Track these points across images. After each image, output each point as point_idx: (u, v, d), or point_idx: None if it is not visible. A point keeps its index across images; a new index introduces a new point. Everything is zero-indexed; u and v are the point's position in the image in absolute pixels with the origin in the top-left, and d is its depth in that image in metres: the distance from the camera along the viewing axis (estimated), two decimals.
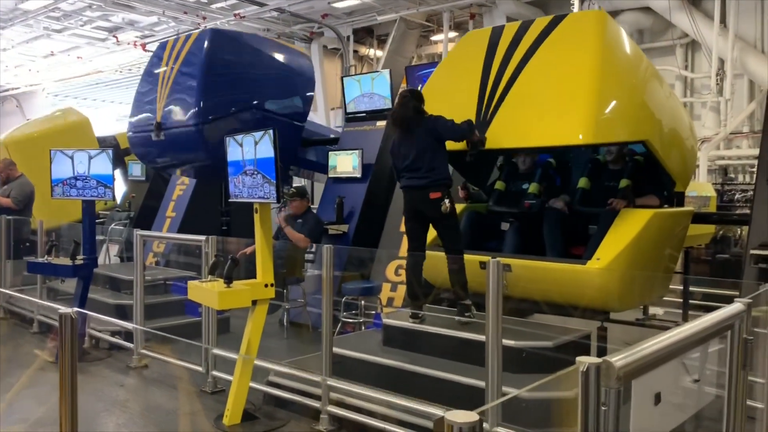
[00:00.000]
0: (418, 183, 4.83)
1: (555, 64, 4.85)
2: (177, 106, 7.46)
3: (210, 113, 7.34)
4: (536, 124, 4.80)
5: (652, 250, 4.96)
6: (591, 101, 4.57)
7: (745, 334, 2.23)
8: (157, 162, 8.27)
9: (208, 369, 5.21)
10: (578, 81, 4.67)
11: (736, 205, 11.51)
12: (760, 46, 12.94)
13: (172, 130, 7.47)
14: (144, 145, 7.93)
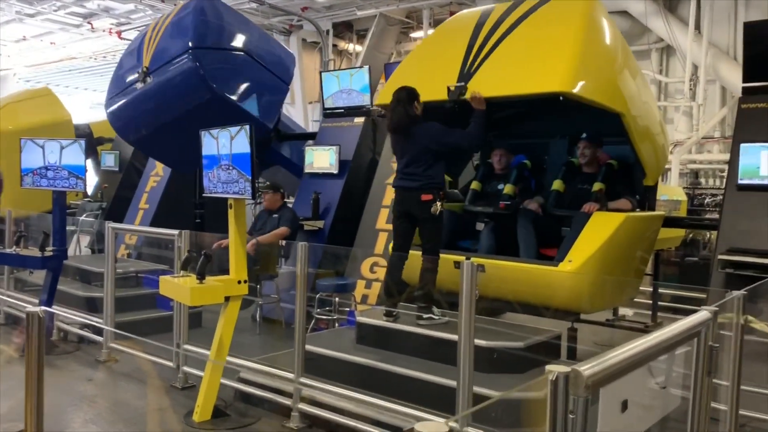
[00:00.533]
0: (411, 185, 4.84)
1: (541, 29, 4.93)
2: (169, 43, 7.26)
3: (203, 39, 7.17)
4: (516, 73, 4.82)
5: (623, 253, 5.04)
6: (573, 55, 4.63)
7: (711, 342, 2.27)
8: (140, 128, 7.68)
9: (179, 364, 5.17)
10: (561, 42, 4.75)
11: (706, 209, 11.72)
12: (732, 53, 13.16)
13: (163, 68, 7.15)
14: (125, 109, 7.53)
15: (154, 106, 7.36)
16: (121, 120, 7.80)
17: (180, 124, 7.09)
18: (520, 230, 5.28)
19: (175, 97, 7.22)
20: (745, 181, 5.26)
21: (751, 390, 3.73)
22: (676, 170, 13.13)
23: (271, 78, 7.91)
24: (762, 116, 5.39)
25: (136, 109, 7.51)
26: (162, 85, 7.16)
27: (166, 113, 7.34)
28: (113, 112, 7.75)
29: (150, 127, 7.57)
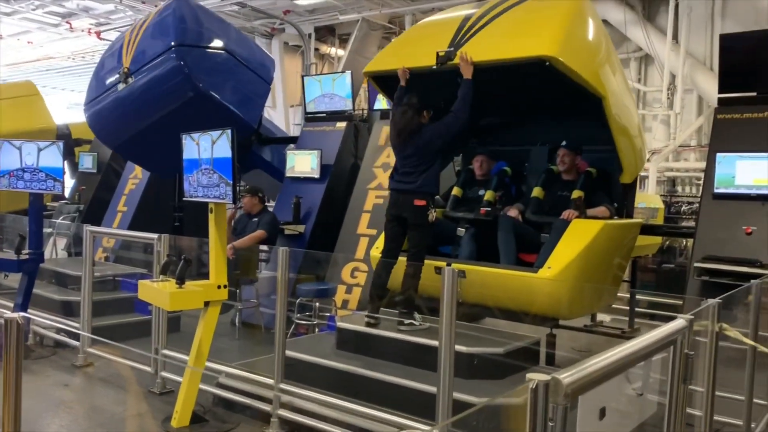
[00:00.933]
0: (406, 187, 4.88)
1: (532, 12, 5.04)
2: (150, 43, 7.17)
3: (186, 38, 7.09)
4: (506, 41, 4.87)
5: (601, 259, 5.09)
6: (561, 28, 4.70)
7: (687, 349, 2.31)
8: (122, 132, 7.52)
9: (157, 370, 5.12)
10: (551, 18, 4.86)
11: (682, 217, 11.90)
12: (709, 63, 13.39)
13: (145, 69, 7.03)
14: (107, 112, 7.38)
15: (137, 107, 7.23)
16: (102, 124, 7.66)
17: (163, 125, 7.00)
18: (500, 236, 5.32)
19: (159, 96, 7.10)
20: (721, 190, 5.35)
21: (726, 396, 3.79)
22: (654, 178, 13.31)
23: (253, 77, 7.89)
24: (737, 127, 5.49)
25: (117, 111, 7.38)
26: (145, 85, 7.05)
27: (149, 114, 7.22)
28: (94, 116, 7.62)
29: (132, 129, 7.43)
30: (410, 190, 4.85)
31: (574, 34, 4.78)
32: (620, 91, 5.22)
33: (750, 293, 3.92)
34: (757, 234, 5.12)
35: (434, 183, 4.97)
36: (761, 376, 4.25)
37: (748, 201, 5.23)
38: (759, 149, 5.21)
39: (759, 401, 4.22)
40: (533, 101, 5.77)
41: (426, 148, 4.88)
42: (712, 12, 13.41)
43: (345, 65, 17.01)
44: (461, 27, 5.01)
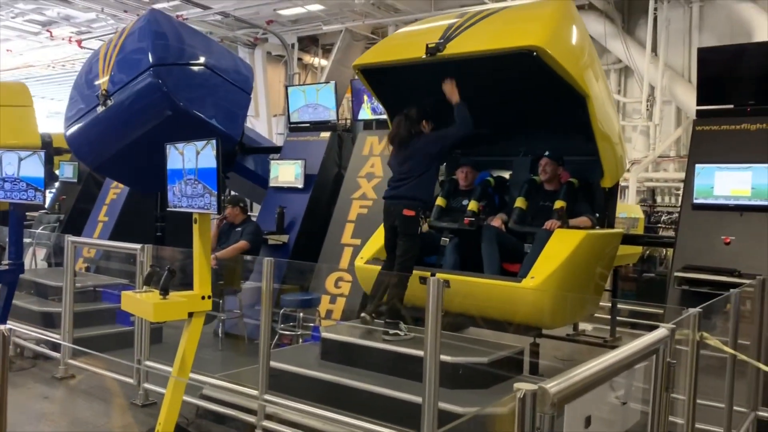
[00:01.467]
0: (396, 193, 4.94)
1: (521, 11, 5.28)
2: (126, 65, 7.12)
3: (163, 56, 7.07)
4: (495, 33, 4.91)
5: (584, 269, 5.15)
6: (549, 22, 4.76)
7: (669, 358, 2.35)
8: (102, 152, 7.46)
9: (140, 381, 5.07)
10: (538, 15, 4.97)
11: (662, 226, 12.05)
12: (687, 75, 13.64)
13: (123, 90, 6.99)
14: (86, 134, 7.31)
15: (116, 128, 7.21)
16: (82, 145, 7.63)
17: (143, 144, 6.97)
18: (483, 246, 5.36)
19: (138, 116, 7.08)
20: (700, 200, 5.44)
21: (707, 404, 3.84)
22: (634, 188, 13.49)
23: (232, 89, 7.88)
24: (715, 138, 5.59)
25: (97, 132, 7.33)
26: (124, 106, 7.01)
27: (129, 133, 7.19)
28: (73, 138, 7.57)
29: (112, 149, 7.39)
30: (400, 195, 4.91)
31: (561, 32, 4.85)
32: (603, 97, 5.29)
33: (729, 302, 3.99)
34: (735, 244, 5.21)
35: (427, 190, 5.01)
36: (741, 384, 4.32)
37: (726, 211, 5.33)
38: (737, 160, 5.31)
39: (739, 408, 4.28)
40: (517, 112, 5.83)
41: (420, 153, 4.92)
42: (689, 25, 13.67)
43: (328, 75, 17.07)
44: (452, 25, 5.07)
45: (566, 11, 4.99)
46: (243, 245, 6.93)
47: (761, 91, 5.54)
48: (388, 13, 15.98)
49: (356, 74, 5.56)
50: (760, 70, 5.60)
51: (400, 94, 5.77)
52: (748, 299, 4.60)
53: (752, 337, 4.57)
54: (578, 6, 12.37)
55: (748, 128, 5.49)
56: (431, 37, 4.96)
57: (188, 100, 7.15)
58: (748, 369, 4.42)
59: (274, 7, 16.00)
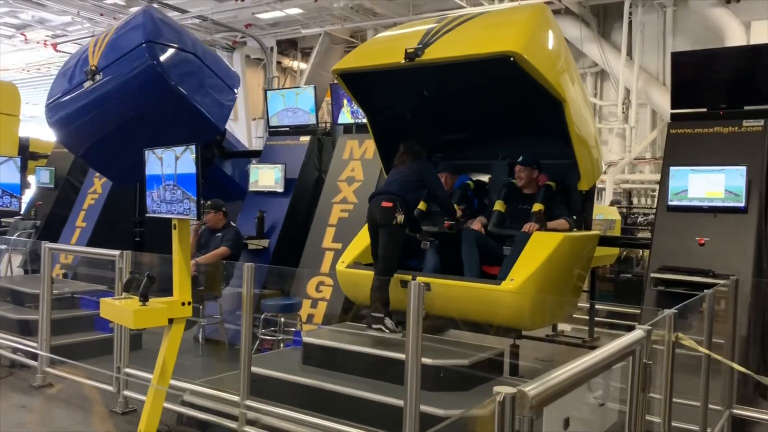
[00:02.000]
0: (379, 191, 5.21)
1: (499, 17, 5.39)
2: (121, 41, 7.01)
3: (157, 35, 7.01)
4: (473, 39, 4.96)
5: (562, 271, 5.21)
6: (525, 28, 4.82)
7: (645, 359, 2.40)
8: (88, 135, 7.22)
9: (120, 389, 5.03)
10: (515, 21, 5.08)
11: (639, 228, 12.21)
12: (661, 78, 13.85)
13: (113, 65, 6.83)
14: (72, 113, 7.06)
15: (104, 106, 7.00)
16: (67, 126, 7.34)
17: (131, 127, 6.86)
18: (463, 249, 5.40)
19: (128, 94, 6.92)
20: (675, 202, 5.54)
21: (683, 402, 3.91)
22: (611, 190, 13.65)
23: (219, 83, 7.86)
24: (689, 141, 5.70)
25: (83, 111, 7.08)
26: (113, 81, 6.86)
27: (117, 113, 7.01)
28: (58, 119, 7.30)
29: (98, 132, 7.16)
30: (381, 192, 5.12)
31: (537, 37, 4.91)
32: (579, 101, 5.37)
33: (704, 302, 4.07)
34: (710, 245, 5.31)
35: (411, 194, 5.21)
36: (716, 383, 4.41)
37: (700, 213, 5.43)
38: (710, 163, 5.42)
39: (714, 407, 4.36)
40: (495, 117, 5.90)
41: (415, 172, 5.23)
42: (663, 29, 13.89)
43: (307, 79, 17.06)
44: (430, 30, 5.10)
45: (542, 17, 5.06)
46: (224, 251, 6.90)
47: (733, 94, 5.66)
48: (367, 17, 16.02)
49: (336, 79, 5.58)
50: (732, 74, 5.72)
51: (380, 98, 5.80)
52: (723, 299, 4.69)
53: (726, 336, 4.66)
54: (554, 11, 12.55)
55: (721, 131, 5.60)
56: (410, 42, 5.00)
57: (179, 80, 7.07)
58: (722, 368, 4.51)
59: (252, 10, 15.96)
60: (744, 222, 5.27)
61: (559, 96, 4.85)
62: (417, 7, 15.15)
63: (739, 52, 6.70)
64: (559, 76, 4.95)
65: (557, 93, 4.83)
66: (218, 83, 7.81)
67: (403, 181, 5.19)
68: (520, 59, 4.54)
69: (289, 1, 14.75)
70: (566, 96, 4.90)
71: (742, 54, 6.24)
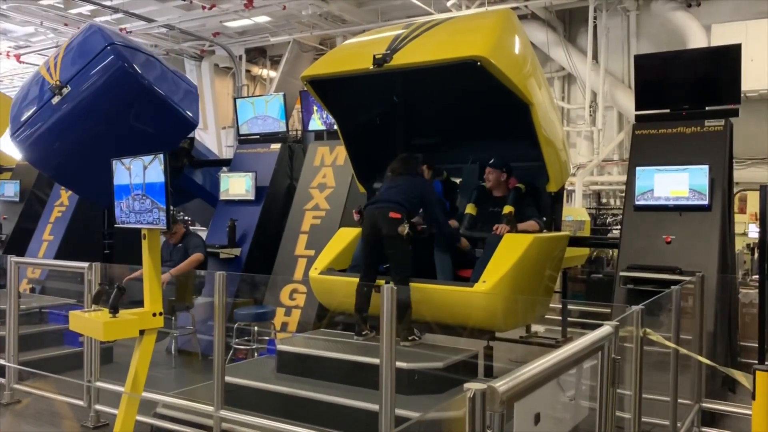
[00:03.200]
0: (383, 198, 5.11)
1: (466, 22, 5.51)
2: (78, 54, 6.95)
3: (116, 39, 6.99)
4: (440, 44, 4.99)
5: (533, 272, 5.27)
6: (491, 33, 4.88)
7: (614, 354, 2.44)
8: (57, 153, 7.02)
9: (91, 403, 4.95)
10: (482, 26, 5.15)
11: (608, 228, 12.40)
12: (627, 81, 14.09)
13: (79, 75, 6.74)
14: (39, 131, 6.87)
15: (77, 118, 6.85)
16: (38, 145, 7.09)
17: (105, 136, 6.76)
18: (436, 253, 5.43)
19: (101, 99, 6.80)
20: (641, 202, 5.65)
21: (653, 398, 3.98)
22: (580, 192, 13.84)
23: (180, 81, 7.83)
24: (654, 141, 5.82)
25: (54, 127, 6.90)
26: (82, 90, 6.74)
27: (91, 123, 6.88)
28: (26, 140, 7.08)
29: (71, 145, 6.99)
30: (387, 199, 5.05)
31: (503, 42, 4.98)
32: (546, 105, 5.45)
33: (671, 299, 4.15)
34: (676, 243, 5.42)
35: (412, 204, 5.11)
36: (685, 378, 4.49)
37: (666, 212, 5.54)
38: (674, 162, 5.54)
39: (684, 401, 4.44)
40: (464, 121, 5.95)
41: (417, 190, 5.15)
42: (627, 33, 14.15)
43: (277, 87, 17.00)
44: (398, 36, 5.14)
45: (508, 22, 5.13)
46: (198, 257, 6.81)
47: (695, 95, 5.80)
48: (336, 24, 16.05)
49: (305, 86, 5.59)
50: (693, 75, 5.86)
51: (350, 104, 5.82)
52: (690, 296, 4.79)
53: (694, 332, 4.76)
54: (520, 16, 12.72)
55: (684, 131, 5.73)
56: (378, 48, 5.03)
57: (150, 78, 7.03)
58: (691, 363, 4.60)
59: (220, 18, 15.87)
60: (708, 219, 5.40)
61: (526, 99, 4.92)
62: (385, 14, 15.23)
63: (700, 53, 6.85)
64: (526, 80, 5.03)
65: (524, 96, 4.90)
66: (179, 81, 7.79)
67: (404, 196, 5.08)
68: (487, 63, 4.59)
69: (257, 9, 14.70)
70: (533, 99, 4.97)
71: (704, 56, 6.40)
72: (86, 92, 6.77)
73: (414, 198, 5.10)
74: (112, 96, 6.82)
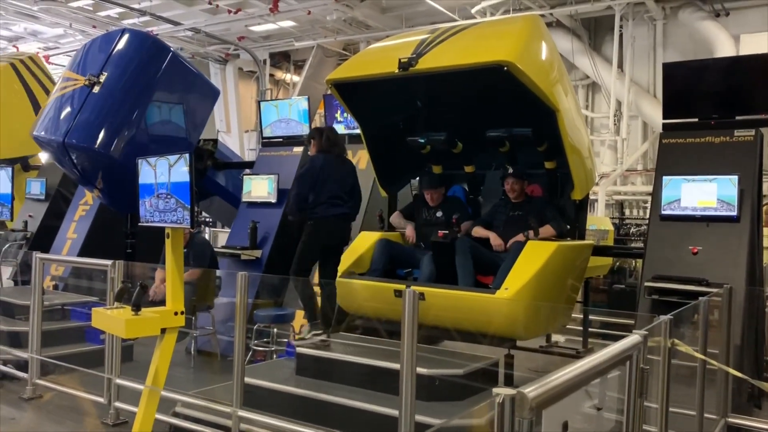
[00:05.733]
0: (343, 212, 5.31)
1: (492, 27, 5.44)
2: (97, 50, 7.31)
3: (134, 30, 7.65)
4: (467, 48, 4.96)
5: (556, 280, 5.20)
6: (519, 39, 4.84)
7: (642, 364, 2.39)
8: (119, 130, 7.09)
9: (111, 400, 4.97)
10: (509, 31, 5.12)
11: (631, 238, 12.25)
12: (652, 90, 13.96)
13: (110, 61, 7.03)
14: (86, 124, 6.94)
15: (124, 92, 7.10)
16: (93, 135, 6.97)
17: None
18: (457, 259, 5.38)
19: (137, 68, 7.23)
20: (668, 211, 5.56)
21: (679, 411, 3.90)
22: (603, 201, 13.71)
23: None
24: (681, 151, 5.74)
25: (105, 112, 7.01)
26: (122, 66, 7.08)
27: (140, 95, 7.22)
28: (82, 135, 6.96)
29: (129, 121, 7.15)
30: (347, 215, 5.47)
31: (530, 47, 4.93)
32: (572, 111, 5.39)
33: (698, 311, 4.07)
34: (703, 254, 5.33)
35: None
36: (711, 392, 4.40)
37: (693, 222, 5.45)
38: (702, 172, 5.45)
39: (710, 416, 4.35)
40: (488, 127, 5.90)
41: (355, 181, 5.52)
42: (654, 42, 14.02)
43: (300, 91, 17.09)
44: (424, 40, 5.12)
45: (535, 27, 5.09)
46: (193, 274, 6.67)
47: (724, 104, 5.71)
48: (360, 29, 16.10)
49: (329, 89, 5.59)
50: (722, 84, 5.78)
51: (373, 108, 5.80)
52: (716, 308, 4.70)
53: (720, 345, 4.66)
54: (546, 24, 12.64)
55: (713, 141, 5.64)
56: (404, 52, 5.01)
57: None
58: (717, 377, 4.50)
59: (245, 23, 16.01)
60: (737, 231, 5.29)
61: (553, 105, 4.87)
62: (409, 20, 15.25)
63: (729, 62, 6.75)
64: (553, 86, 4.98)
65: (550, 102, 4.85)
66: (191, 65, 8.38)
67: (352, 196, 5.77)
68: (514, 68, 4.55)
69: (282, 13, 14.80)
70: (559, 106, 4.92)
71: (733, 65, 6.30)
72: (124, 65, 7.16)
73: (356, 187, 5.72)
74: (144, 62, 7.30)
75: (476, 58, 4.76)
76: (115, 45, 7.13)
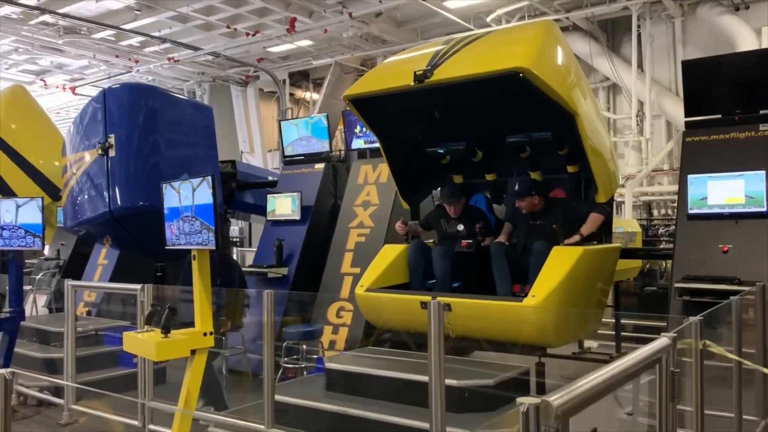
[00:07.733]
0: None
1: (507, 34, 5.46)
2: (90, 122, 7.16)
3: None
4: (482, 57, 4.96)
5: (584, 285, 5.14)
6: (534, 44, 4.81)
7: (672, 367, 2.35)
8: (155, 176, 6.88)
9: (145, 423, 5.03)
10: (524, 37, 5.10)
11: (660, 239, 12.06)
12: (674, 89, 13.78)
13: (108, 125, 6.90)
14: (123, 179, 6.86)
15: (139, 145, 7.00)
16: (130, 192, 6.89)
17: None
18: (494, 264, 5.33)
19: (143, 115, 7.11)
20: (695, 210, 5.48)
21: (715, 414, 3.82)
22: (630, 203, 13.53)
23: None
24: (705, 148, 5.65)
25: (132, 169, 6.92)
26: (124, 123, 6.95)
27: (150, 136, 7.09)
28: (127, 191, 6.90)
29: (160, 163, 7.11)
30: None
31: (546, 52, 4.92)
32: (591, 114, 5.35)
33: (731, 310, 3.99)
34: (733, 252, 5.23)
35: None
36: (749, 393, 4.29)
37: (721, 220, 5.36)
38: (728, 169, 5.36)
39: (748, 417, 4.25)
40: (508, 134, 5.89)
41: None
42: (673, 40, 13.86)
43: (320, 108, 17.23)
44: (438, 51, 5.14)
45: (550, 32, 5.08)
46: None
47: (747, 99, 5.62)
48: (376, 44, 16.21)
49: (347, 105, 5.63)
50: (744, 78, 5.69)
51: (391, 121, 5.83)
52: (750, 306, 4.60)
53: (756, 344, 4.55)
54: (562, 27, 12.60)
55: (737, 136, 5.55)
56: (419, 64, 5.04)
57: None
58: (755, 377, 4.40)
59: (263, 44, 16.22)
60: (766, 227, 5.18)
61: (571, 109, 4.85)
62: (425, 33, 15.31)
63: (750, 56, 6.63)
64: (570, 90, 4.96)
65: (569, 106, 4.83)
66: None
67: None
68: (530, 74, 4.54)
69: (299, 33, 14.97)
70: (578, 110, 4.90)
71: (754, 58, 6.18)
72: (127, 118, 6.97)
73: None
74: (141, 106, 7.11)
75: (491, 66, 4.77)
76: (106, 107, 6.96)
